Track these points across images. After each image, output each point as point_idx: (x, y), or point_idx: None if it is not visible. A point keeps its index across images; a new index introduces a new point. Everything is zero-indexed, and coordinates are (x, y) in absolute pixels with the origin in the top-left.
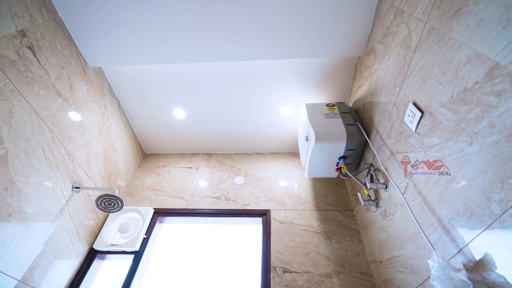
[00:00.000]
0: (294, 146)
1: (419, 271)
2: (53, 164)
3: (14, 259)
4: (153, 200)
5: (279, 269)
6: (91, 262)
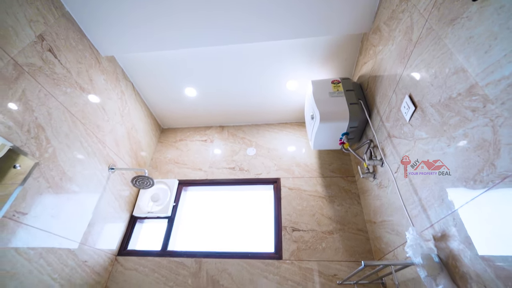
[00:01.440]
0: (301, 116)
1: (402, 235)
2: (90, 152)
3: (74, 227)
4: (177, 173)
5: (289, 228)
6: (133, 226)
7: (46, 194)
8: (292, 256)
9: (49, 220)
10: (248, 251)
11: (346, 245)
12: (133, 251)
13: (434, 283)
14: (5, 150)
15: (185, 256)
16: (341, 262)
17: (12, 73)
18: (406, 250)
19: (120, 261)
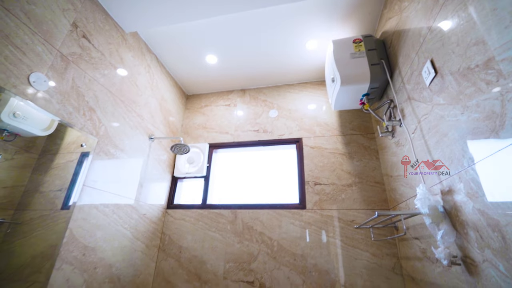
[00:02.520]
0: (321, 74)
1: (414, 188)
2: (132, 125)
3: (129, 188)
4: (206, 137)
5: (311, 183)
6: (175, 184)
7: (106, 164)
8: (314, 206)
9: (112, 184)
10: (276, 202)
11: (364, 196)
12: (179, 205)
13: (437, 228)
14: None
15: (222, 208)
16: (359, 210)
17: (61, 65)
18: (415, 203)
19: (170, 213)
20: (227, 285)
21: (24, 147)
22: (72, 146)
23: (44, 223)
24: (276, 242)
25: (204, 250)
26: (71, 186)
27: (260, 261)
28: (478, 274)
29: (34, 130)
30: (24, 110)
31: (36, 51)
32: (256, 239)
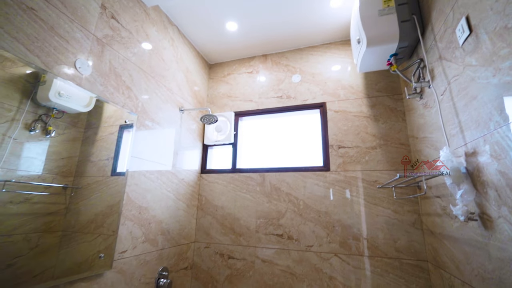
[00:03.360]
0: (346, 33)
1: (439, 150)
2: (164, 99)
3: (166, 156)
4: (231, 105)
5: (335, 146)
6: (206, 151)
7: (146, 136)
8: (338, 168)
9: (153, 153)
10: (301, 165)
11: (388, 157)
12: (211, 170)
13: (457, 188)
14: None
15: (251, 172)
16: (382, 171)
17: (98, 48)
18: (437, 165)
19: (204, 177)
20: (259, 237)
21: (71, 123)
22: (110, 120)
23: (99, 187)
24: (301, 201)
25: (237, 209)
26: (116, 156)
27: (287, 218)
28: (493, 228)
29: (77, 107)
30: (66, 89)
31: (76, 38)
32: (283, 198)
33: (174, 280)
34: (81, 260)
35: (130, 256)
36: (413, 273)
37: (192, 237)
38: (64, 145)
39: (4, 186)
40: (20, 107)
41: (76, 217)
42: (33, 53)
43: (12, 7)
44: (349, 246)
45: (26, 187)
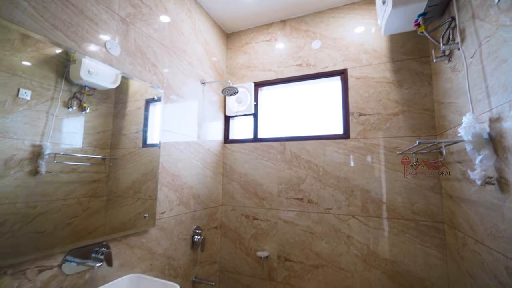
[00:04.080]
0: None
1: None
2: (186, 74)
3: (190, 128)
4: (250, 76)
5: (356, 114)
6: (228, 122)
7: (173, 110)
8: (358, 135)
9: (179, 125)
10: (321, 134)
11: (410, 124)
12: (234, 140)
13: (477, 153)
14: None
15: (272, 141)
16: (403, 138)
17: (123, 28)
18: (459, 131)
19: (227, 147)
20: (281, 201)
21: (102, 99)
22: (136, 95)
23: (133, 158)
24: (321, 168)
25: (259, 175)
26: (145, 129)
27: (307, 183)
28: (509, 191)
29: (106, 84)
30: (95, 67)
31: (103, 19)
32: (304, 165)
33: (206, 237)
34: (125, 220)
35: (168, 216)
36: (428, 233)
37: (219, 201)
38: (98, 120)
39: (55, 158)
40: (57, 86)
41: (116, 184)
42: (70, 38)
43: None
44: (367, 209)
45: (71, 159)
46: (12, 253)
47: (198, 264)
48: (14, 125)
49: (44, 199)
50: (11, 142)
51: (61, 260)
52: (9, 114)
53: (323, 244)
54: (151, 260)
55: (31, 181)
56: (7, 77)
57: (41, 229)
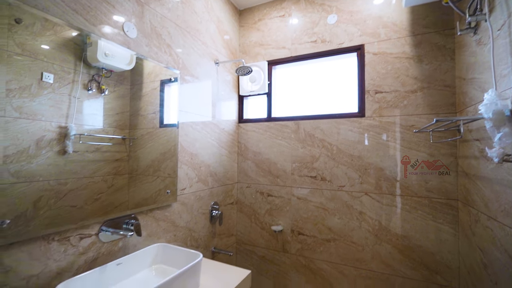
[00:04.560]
0: None
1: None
2: (200, 54)
3: (205, 108)
4: (264, 54)
5: (372, 91)
6: (242, 102)
7: (188, 91)
8: (374, 114)
9: (195, 106)
10: (335, 112)
11: (428, 101)
12: (248, 119)
13: (496, 131)
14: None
15: (286, 120)
16: (420, 115)
17: (139, 10)
18: (479, 108)
19: (242, 126)
20: (294, 179)
21: (118, 81)
22: (151, 76)
23: (151, 137)
24: (335, 147)
25: (274, 154)
26: (161, 109)
27: (321, 162)
28: None
29: (121, 66)
30: (111, 49)
31: (119, 1)
32: (317, 144)
33: (223, 212)
34: (147, 196)
35: (188, 192)
36: (441, 210)
37: (235, 179)
38: (117, 102)
39: (80, 139)
40: (76, 69)
41: (137, 163)
42: (90, 22)
43: None
44: (380, 186)
45: (95, 139)
46: (51, 224)
47: (217, 236)
48: (41, 108)
49: (73, 176)
50: (40, 124)
51: (98, 229)
52: (35, 97)
53: (335, 220)
54: (174, 231)
55: (61, 160)
56: (30, 61)
57: (73, 203)
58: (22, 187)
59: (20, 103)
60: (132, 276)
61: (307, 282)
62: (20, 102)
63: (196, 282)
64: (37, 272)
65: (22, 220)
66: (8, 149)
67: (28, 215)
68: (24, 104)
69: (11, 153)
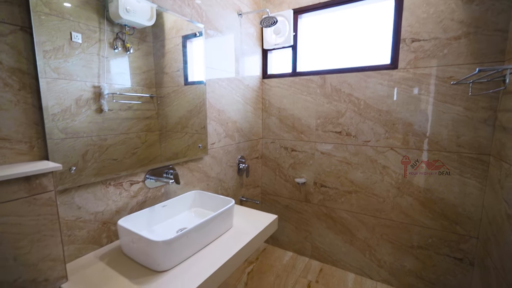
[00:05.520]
0: None
1: None
2: (222, 4)
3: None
4: (289, 2)
5: (408, 40)
6: (266, 56)
7: (213, 45)
8: (408, 65)
9: (219, 61)
10: (364, 65)
11: (473, 48)
12: (272, 74)
13: None
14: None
15: (311, 74)
16: (461, 66)
17: None
18: None
19: (266, 82)
20: (318, 134)
21: (141, 38)
22: (172, 31)
23: (177, 95)
24: (362, 101)
25: (298, 110)
26: (185, 66)
27: (347, 117)
28: None
29: (142, 21)
30: (131, 4)
31: None
32: (344, 99)
33: (249, 165)
34: (177, 151)
35: (217, 147)
36: (471, 165)
37: (260, 134)
38: (142, 60)
39: (113, 98)
40: (101, 28)
41: (166, 120)
42: None
43: None
44: (407, 141)
45: (125, 98)
46: (98, 174)
47: (244, 186)
48: (75, 68)
49: (111, 133)
50: (76, 84)
51: (143, 177)
52: (68, 58)
53: (358, 173)
54: (207, 181)
55: (99, 118)
56: (58, 21)
57: (114, 157)
58: (70, 142)
59: (57, 64)
60: (175, 216)
61: (327, 228)
62: (56, 63)
63: (230, 222)
64: (101, 209)
65: (75, 170)
66: (54, 108)
67: (79, 166)
68: (60, 65)
69: (56, 112)
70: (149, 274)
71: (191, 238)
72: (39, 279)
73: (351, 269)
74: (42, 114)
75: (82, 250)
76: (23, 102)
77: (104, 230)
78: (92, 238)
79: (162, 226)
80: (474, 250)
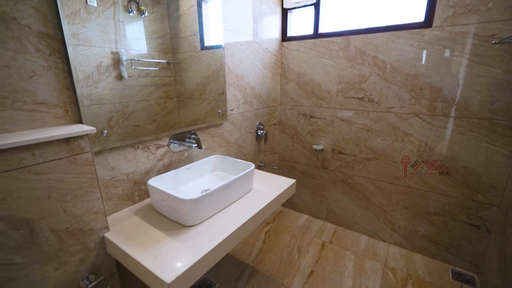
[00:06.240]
0: None
1: None
2: None
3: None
4: None
5: None
6: (286, 17)
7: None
8: (444, 23)
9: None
10: (393, 24)
11: None
12: (292, 37)
13: None
14: None
15: (334, 36)
16: (506, 22)
17: None
18: None
19: (285, 45)
20: (339, 100)
21: (155, 0)
22: None
23: (194, 61)
24: (389, 65)
25: (319, 75)
26: (200, 28)
27: (370, 82)
28: None
29: None
30: None
31: None
32: (368, 63)
33: (268, 132)
34: (196, 118)
35: (236, 113)
36: (502, 133)
37: (278, 101)
38: (157, 24)
39: (132, 64)
40: None
41: (183, 87)
42: None
43: None
44: (434, 107)
45: (143, 64)
46: (124, 139)
47: (262, 152)
48: (93, 34)
49: (132, 99)
50: (96, 50)
51: (168, 141)
52: (86, 23)
53: (378, 141)
54: (226, 146)
55: (119, 85)
56: None
57: (136, 123)
58: (95, 109)
59: (75, 29)
60: (198, 178)
61: (343, 194)
62: (75, 28)
63: (250, 185)
64: (132, 170)
65: (106, 134)
66: (77, 75)
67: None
68: (79, 31)
69: (80, 78)
70: (179, 228)
71: (215, 198)
72: (85, 228)
73: (364, 232)
74: (72, 79)
75: (118, 206)
76: (54, 68)
77: (136, 189)
78: (126, 196)
79: (187, 187)
80: (493, 218)
